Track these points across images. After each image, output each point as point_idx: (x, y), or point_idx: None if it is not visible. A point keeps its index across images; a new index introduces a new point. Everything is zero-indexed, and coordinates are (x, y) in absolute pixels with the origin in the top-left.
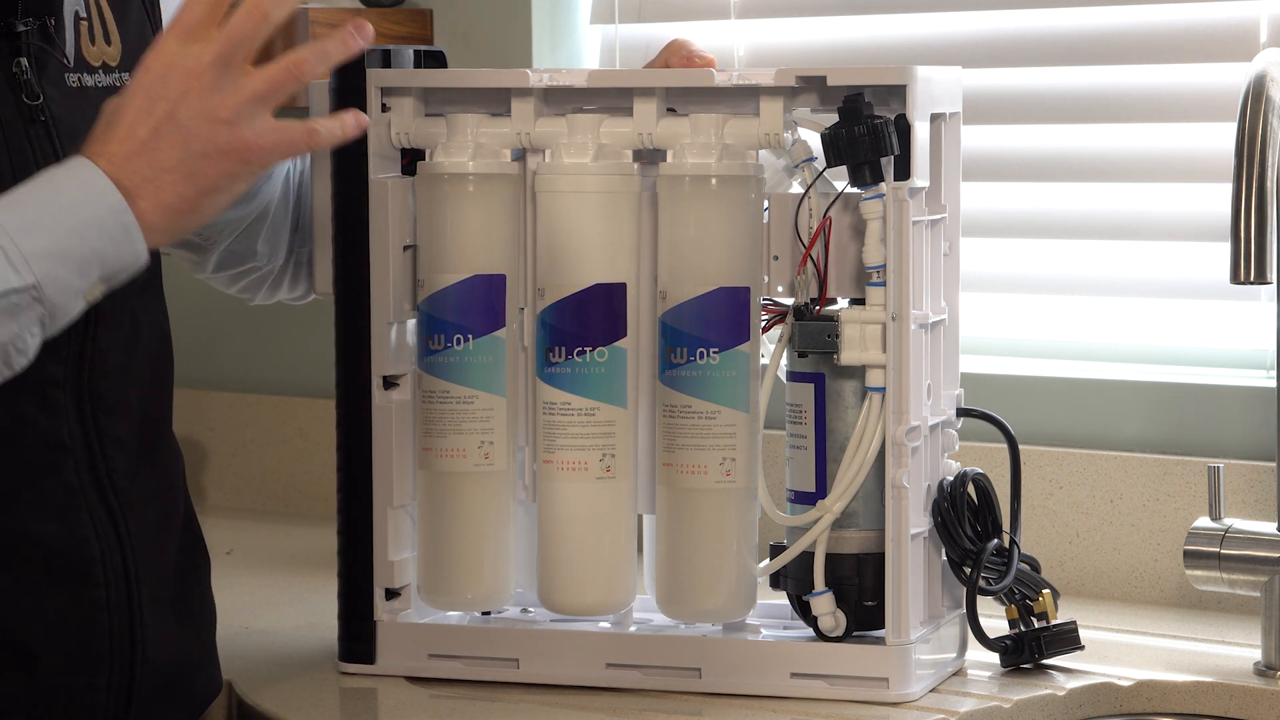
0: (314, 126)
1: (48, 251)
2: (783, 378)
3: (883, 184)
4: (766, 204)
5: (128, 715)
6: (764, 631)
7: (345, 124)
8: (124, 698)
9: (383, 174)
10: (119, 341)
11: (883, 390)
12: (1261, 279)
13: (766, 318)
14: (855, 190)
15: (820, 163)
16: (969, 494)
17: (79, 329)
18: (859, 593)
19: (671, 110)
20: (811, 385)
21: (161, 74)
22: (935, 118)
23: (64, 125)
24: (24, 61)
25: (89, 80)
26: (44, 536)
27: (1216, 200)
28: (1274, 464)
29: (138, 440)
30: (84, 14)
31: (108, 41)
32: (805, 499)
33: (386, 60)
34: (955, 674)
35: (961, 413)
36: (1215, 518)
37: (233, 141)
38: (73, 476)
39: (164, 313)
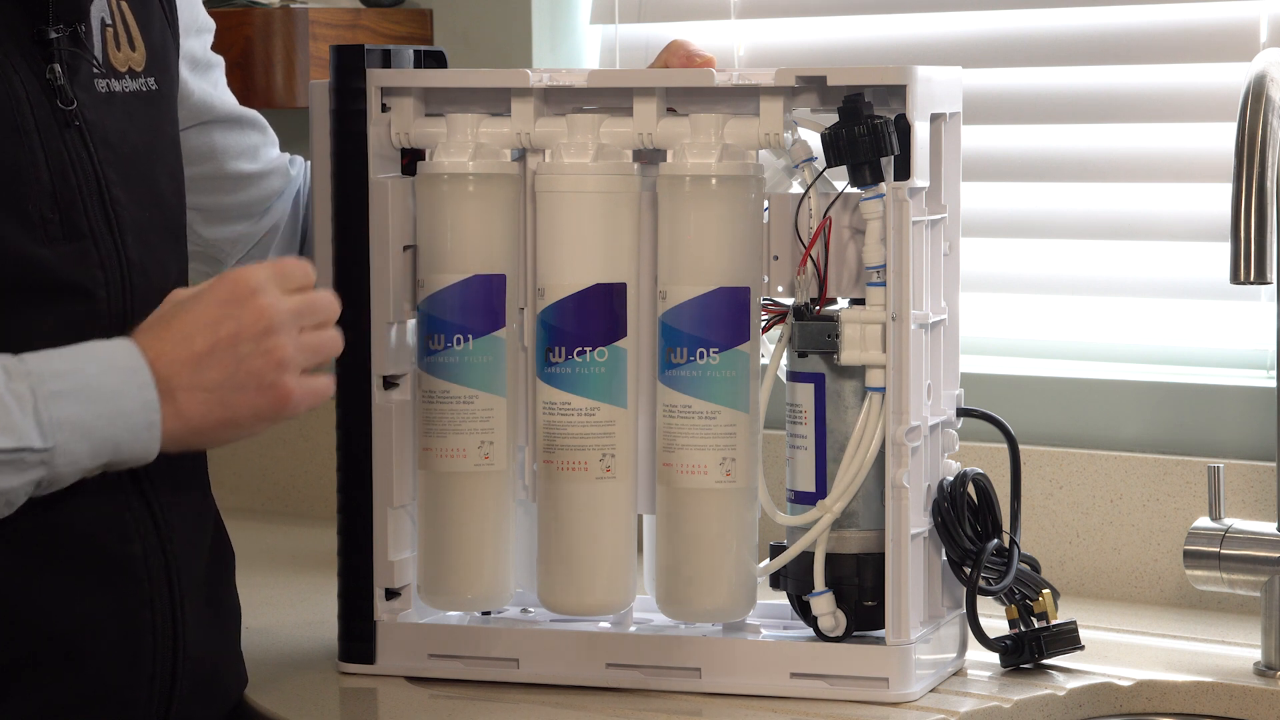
0: (330, 382)
1: (73, 424)
2: (783, 378)
3: (883, 184)
4: (766, 204)
5: (169, 711)
6: (764, 631)
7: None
8: (166, 693)
9: (383, 174)
10: None
11: (883, 390)
12: (1261, 279)
13: (766, 318)
14: (855, 190)
15: (820, 163)
16: (969, 494)
17: (116, 330)
18: (859, 593)
19: (671, 110)
20: (811, 385)
21: (241, 296)
22: (935, 118)
23: (96, 130)
24: (57, 68)
25: (116, 86)
26: (88, 531)
27: (1216, 200)
28: (1274, 464)
29: None
30: (109, 20)
31: (132, 47)
32: (805, 499)
33: (386, 60)
34: (955, 674)
35: (961, 413)
36: (1215, 518)
37: (275, 384)
38: (112, 474)
39: None
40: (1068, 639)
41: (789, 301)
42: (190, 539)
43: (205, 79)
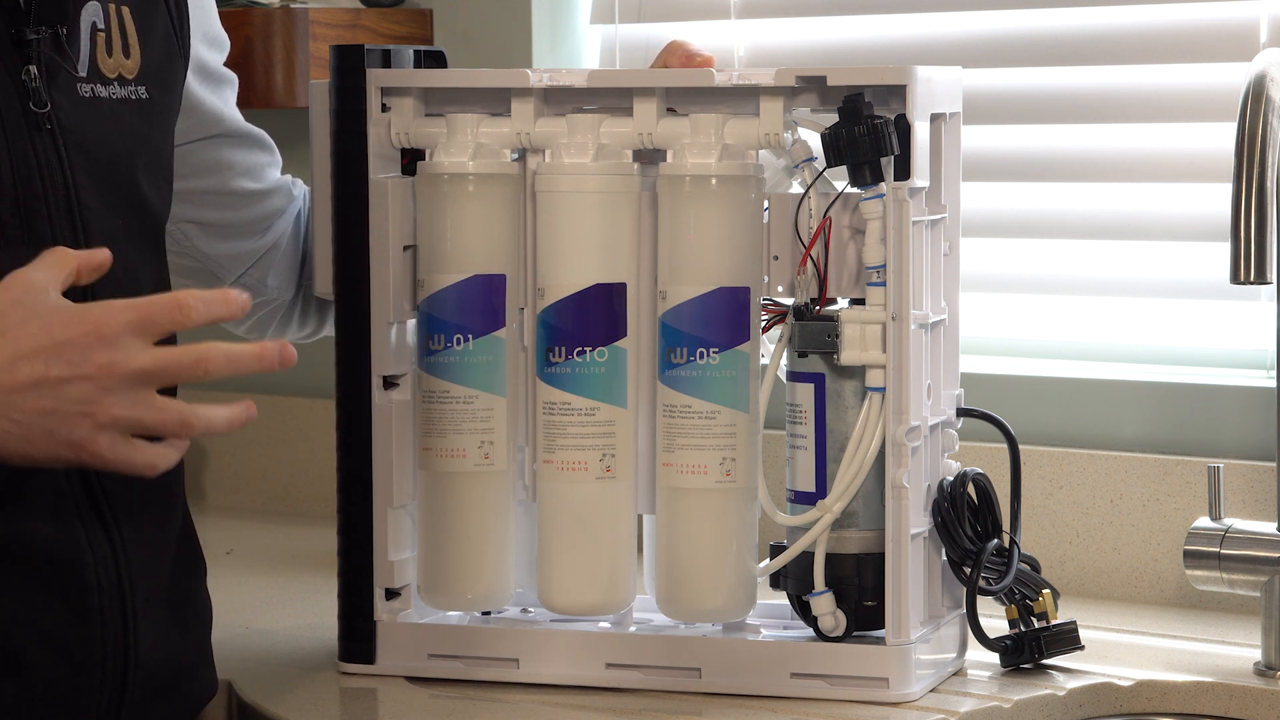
0: (162, 457)
1: None
2: (783, 378)
3: (883, 184)
4: (766, 204)
5: (119, 717)
6: (764, 631)
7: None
8: (116, 700)
9: (383, 174)
10: None
11: (883, 390)
12: (1261, 279)
13: (766, 318)
14: (855, 190)
15: (820, 163)
16: (969, 494)
17: None
18: (859, 593)
19: (671, 110)
20: (811, 385)
21: (93, 340)
22: (935, 118)
23: (72, 135)
24: (33, 69)
25: (103, 91)
26: (37, 538)
27: (1216, 200)
28: (1274, 464)
29: None
30: (102, 25)
31: (126, 54)
32: (805, 499)
33: (386, 60)
34: (955, 674)
35: (961, 413)
36: (1215, 518)
37: (85, 441)
38: (62, 480)
39: None
40: (1068, 639)
41: (789, 301)
42: (149, 548)
43: (217, 94)
